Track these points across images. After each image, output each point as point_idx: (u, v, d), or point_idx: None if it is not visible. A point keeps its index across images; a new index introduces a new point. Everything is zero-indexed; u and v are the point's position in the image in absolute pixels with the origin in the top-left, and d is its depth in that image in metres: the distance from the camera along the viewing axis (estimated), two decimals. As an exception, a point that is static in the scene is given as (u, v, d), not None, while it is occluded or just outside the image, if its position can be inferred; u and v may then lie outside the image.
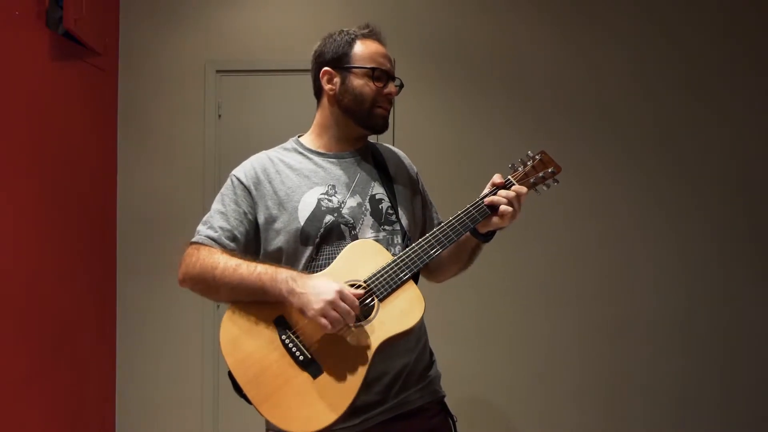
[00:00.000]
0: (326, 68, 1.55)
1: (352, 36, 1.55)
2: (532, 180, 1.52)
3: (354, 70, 1.53)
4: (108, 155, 3.24)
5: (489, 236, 1.52)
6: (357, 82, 1.52)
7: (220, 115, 3.26)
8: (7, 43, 2.45)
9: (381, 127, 1.55)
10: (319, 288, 1.33)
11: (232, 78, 3.27)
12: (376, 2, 3.23)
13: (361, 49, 1.54)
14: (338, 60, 1.54)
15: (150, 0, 3.28)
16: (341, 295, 1.31)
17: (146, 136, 3.28)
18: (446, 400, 1.59)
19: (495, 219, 1.45)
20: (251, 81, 3.25)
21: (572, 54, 3.18)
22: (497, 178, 1.49)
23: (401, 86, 1.58)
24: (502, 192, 1.45)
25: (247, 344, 1.39)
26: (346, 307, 1.31)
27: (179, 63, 3.27)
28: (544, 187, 1.54)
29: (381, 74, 1.53)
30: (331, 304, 1.30)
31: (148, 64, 3.28)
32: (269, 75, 3.21)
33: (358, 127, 1.56)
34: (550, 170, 1.53)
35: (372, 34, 1.57)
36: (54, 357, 2.74)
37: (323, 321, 1.30)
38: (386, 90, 1.54)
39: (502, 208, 1.43)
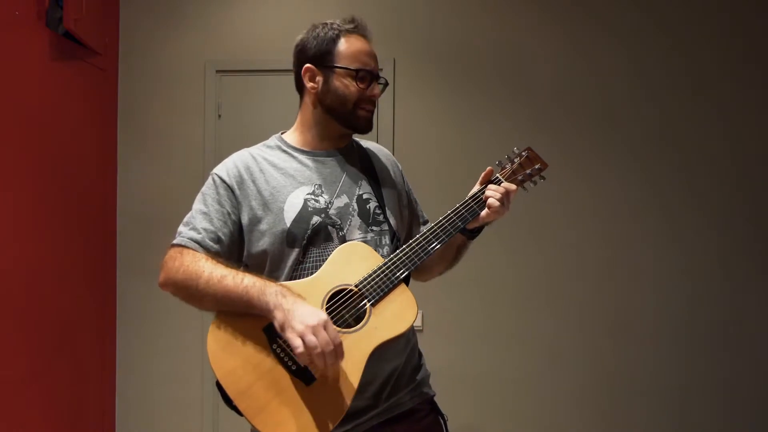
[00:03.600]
0: (308, 65, 1.49)
1: (336, 32, 1.48)
2: (519, 177, 1.52)
3: (337, 69, 1.46)
4: (108, 155, 3.23)
5: (475, 233, 1.53)
6: (340, 82, 1.46)
7: (220, 115, 3.26)
8: (7, 43, 2.45)
9: (364, 128, 1.50)
10: (306, 310, 1.27)
11: (232, 78, 3.26)
12: (376, 1, 3.23)
13: (346, 47, 1.47)
14: (321, 57, 1.48)
15: (150, 0, 3.28)
16: (325, 325, 1.25)
17: (146, 136, 3.28)
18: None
19: (482, 213, 1.46)
20: (251, 81, 3.25)
21: (573, 53, 3.18)
22: (486, 176, 1.51)
23: (386, 84, 1.53)
24: (493, 187, 1.46)
25: (236, 355, 1.34)
26: (327, 336, 1.24)
27: (179, 63, 3.27)
28: (531, 184, 1.55)
29: (365, 75, 1.46)
30: (312, 329, 1.24)
31: (148, 63, 3.28)
32: (269, 75, 3.21)
33: (341, 127, 1.51)
34: (536, 167, 1.53)
35: (357, 30, 1.50)
36: (54, 357, 2.73)
37: (298, 342, 1.24)
38: (370, 92, 1.48)
39: (491, 201, 1.44)
